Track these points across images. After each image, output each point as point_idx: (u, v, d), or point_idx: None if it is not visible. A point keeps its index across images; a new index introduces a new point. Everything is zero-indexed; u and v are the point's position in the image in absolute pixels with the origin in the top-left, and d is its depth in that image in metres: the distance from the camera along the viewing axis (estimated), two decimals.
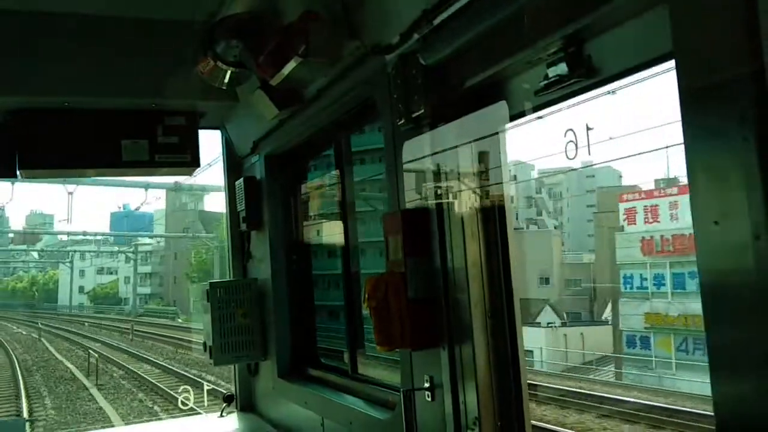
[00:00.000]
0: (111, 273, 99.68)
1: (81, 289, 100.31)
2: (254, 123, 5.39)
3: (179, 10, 4.70)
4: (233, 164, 6.21)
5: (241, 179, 5.82)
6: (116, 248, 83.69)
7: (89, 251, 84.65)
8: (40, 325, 49.31)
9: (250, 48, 4.13)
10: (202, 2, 4.56)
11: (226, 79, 4.47)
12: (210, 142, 6.22)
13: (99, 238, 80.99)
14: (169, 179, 28.12)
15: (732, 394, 1.83)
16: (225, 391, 6.92)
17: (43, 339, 43.99)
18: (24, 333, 52.00)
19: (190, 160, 5.48)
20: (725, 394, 1.84)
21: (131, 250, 74.13)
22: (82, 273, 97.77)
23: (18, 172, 5.10)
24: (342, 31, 3.66)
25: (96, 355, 29.99)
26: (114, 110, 5.28)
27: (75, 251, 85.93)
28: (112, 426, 17.94)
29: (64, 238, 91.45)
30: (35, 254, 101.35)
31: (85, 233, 63.65)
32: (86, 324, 58.70)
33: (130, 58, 4.82)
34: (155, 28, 4.83)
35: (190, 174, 5.85)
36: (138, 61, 4.85)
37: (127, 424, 18.02)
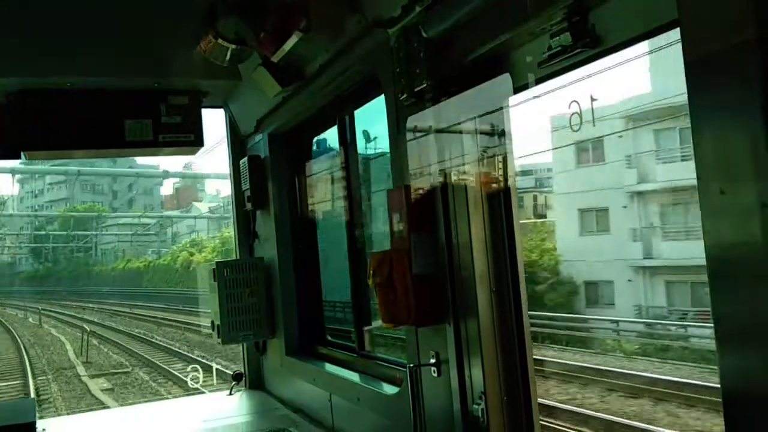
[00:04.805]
0: None
1: None
2: (257, 101, 5.36)
3: None
4: (237, 143, 6.19)
5: (245, 158, 5.80)
6: None
7: None
8: None
9: (251, 25, 4.09)
10: None
11: (228, 57, 4.43)
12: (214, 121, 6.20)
13: None
14: None
15: (738, 364, 1.81)
16: None
17: None
18: None
19: (193, 140, 5.48)
20: (731, 363, 1.83)
21: None
22: None
23: (22, 154, 5.10)
24: (343, 5, 3.62)
25: None
26: (117, 90, 5.26)
27: None
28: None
29: None
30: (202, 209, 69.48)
31: None
32: None
33: (132, 37, 4.78)
34: (156, 6, 4.79)
35: (193, 153, 5.84)
36: (140, 41, 4.81)
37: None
